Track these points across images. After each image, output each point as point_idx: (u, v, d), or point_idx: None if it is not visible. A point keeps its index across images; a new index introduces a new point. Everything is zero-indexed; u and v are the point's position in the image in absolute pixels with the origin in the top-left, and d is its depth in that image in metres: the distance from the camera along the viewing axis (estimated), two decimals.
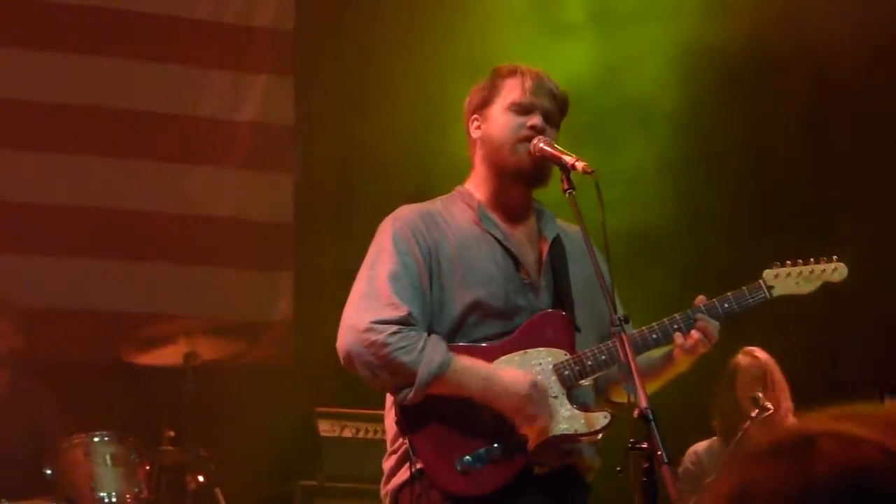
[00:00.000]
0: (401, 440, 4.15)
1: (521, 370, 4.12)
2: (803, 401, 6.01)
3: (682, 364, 4.26)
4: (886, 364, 7.45)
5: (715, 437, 6.58)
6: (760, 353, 6.51)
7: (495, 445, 4.07)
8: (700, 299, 4.28)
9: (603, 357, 4.16)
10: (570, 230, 4.35)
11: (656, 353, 4.27)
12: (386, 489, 4.23)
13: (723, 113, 8.47)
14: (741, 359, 6.51)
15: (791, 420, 6.31)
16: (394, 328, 4.03)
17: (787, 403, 6.36)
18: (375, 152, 8.22)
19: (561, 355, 4.18)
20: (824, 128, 8.77)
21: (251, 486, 7.39)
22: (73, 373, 7.29)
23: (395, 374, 4.03)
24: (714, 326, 4.21)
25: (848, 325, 8.12)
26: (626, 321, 4.02)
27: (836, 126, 8.71)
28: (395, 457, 4.19)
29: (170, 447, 6.53)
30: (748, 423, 6.14)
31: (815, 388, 7.53)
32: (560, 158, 4.13)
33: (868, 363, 7.88)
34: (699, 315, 4.21)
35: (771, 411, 6.08)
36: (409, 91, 8.17)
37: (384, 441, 4.33)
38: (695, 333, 4.18)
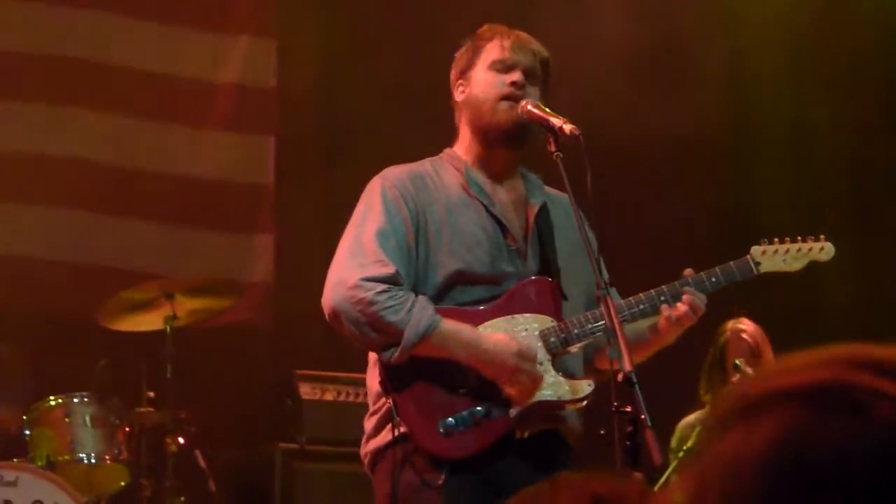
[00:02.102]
0: (383, 400, 4.14)
1: (508, 336, 4.11)
2: None
3: (669, 336, 4.27)
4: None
5: (703, 410, 6.53)
6: (750, 326, 6.46)
7: (479, 408, 4.07)
8: (688, 272, 4.28)
9: (590, 325, 4.16)
10: (556, 196, 4.35)
11: (643, 324, 4.27)
12: (366, 449, 4.22)
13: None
14: (731, 332, 6.45)
15: None
16: (382, 287, 4.02)
17: None
18: (358, 115, 8.20)
19: (547, 322, 4.18)
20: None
21: (231, 449, 7.39)
22: (50, 329, 7.27)
23: (381, 332, 4.02)
24: (701, 300, 4.22)
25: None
26: (611, 285, 4.03)
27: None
28: (376, 417, 4.18)
29: (150, 409, 6.51)
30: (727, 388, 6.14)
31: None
32: (547, 120, 4.13)
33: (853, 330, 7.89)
34: (686, 288, 4.22)
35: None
36: (393, 52, 8.14)
37: (366, 404, 4.32)
38: (681, 306, 4.19)
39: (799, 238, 4.47)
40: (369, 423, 4.22)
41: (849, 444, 1.10)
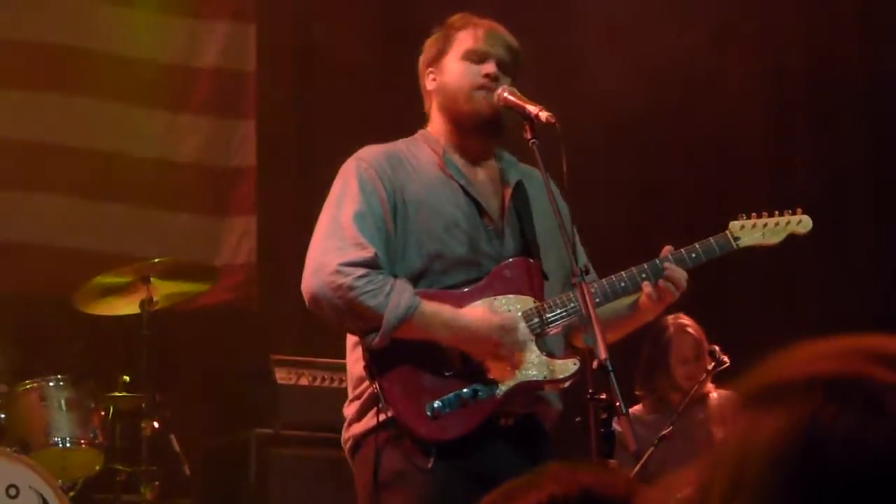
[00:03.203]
0: (365, 385, 4.13)
1: (488, 311, 4.11)
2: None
3: (649, 313, 4.29)
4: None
5: (639, 406, 6.49)
6: (691, 323, 6.45)
7: (465, 390, 4.07)
8: (667, 249, 4.29)
9: (572, 304, 4.16)
10: (532, 174, 4.34)
11: (624, 302, 4.27)
12: (348, 434, 4.20)
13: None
14: (675, 327, 6.43)
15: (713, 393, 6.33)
16: (361, 271, 4.01)
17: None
18: (336, 96, 8.19)
19: (529, 302, 4.19)
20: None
21: (207, 434, 7.38)
22: (26, 312, 7.25)
23: (361, 317, 4.02)
24: (682, 275, 4.23)
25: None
26: (587, 272, 4.03)
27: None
28: (358, 402, 4.16)
29: (125, 393, 6.50)
30: (704, 376, 6.15)
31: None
32: (524, 108, 4.14)
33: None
34: (667, 264, 4.23)
35: (727, 364, 6.08)
36: (371, 34, 8.15)
37: (342, 389, 4.32)
38: (663, 282, 4.20)
39: (776, 212, 4.48)
40: (351, 409, 4.21)
41: (858, 438, 1.09)
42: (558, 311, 4.18)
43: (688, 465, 1.20)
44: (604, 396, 3.73)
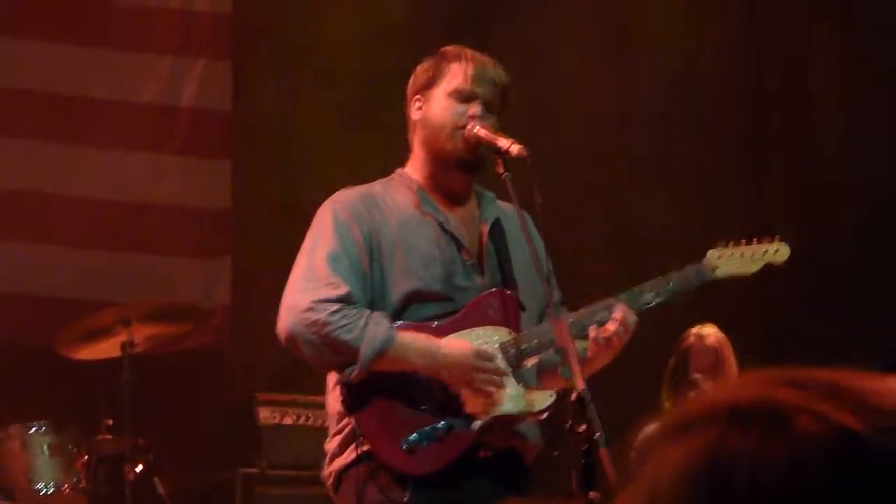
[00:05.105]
0: (345, 421, 4.14)
1: (464, 340, 4.11)
2: None
3: (596, 362, 4.18)
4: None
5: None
6: (713, 333, 6.38)
7: (441, 424, 4.07)
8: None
9: (549, 337, 4.14)
10: (509, 211, 4.34)
11: (580, 346, 4.22)
12: (329, 470, 4.21)
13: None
14: (694, 338, 6.38)
15: None
16: (335, 307, 4.03)
17: None
18: (317, 137, 8.20)
19: (506, 334, 4.19)
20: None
21: (191, 475, 7.35)
22: (6, 359, 7.22)
23: (337, 352, 4.03)
24: (632, 318, 4.15)
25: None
26: (563, 303, 4.03)
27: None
28: (339, 438, 4.17)
29: (107, 436, 6.47)
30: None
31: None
32: (495, 142, 4.15)
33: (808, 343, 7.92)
34: (618, 304, 4.17)
35: None
36: (349, 72, 8.16)
37: (325, 428, 4.32)
38: (611, 325, 4.13)
39: (755, 240, 4.39)
40: (332, 444, 4.21)
41: (762, 456, 1.10)
42: (535, 341, 4.17)
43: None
44: (583, 429, 3.72)
